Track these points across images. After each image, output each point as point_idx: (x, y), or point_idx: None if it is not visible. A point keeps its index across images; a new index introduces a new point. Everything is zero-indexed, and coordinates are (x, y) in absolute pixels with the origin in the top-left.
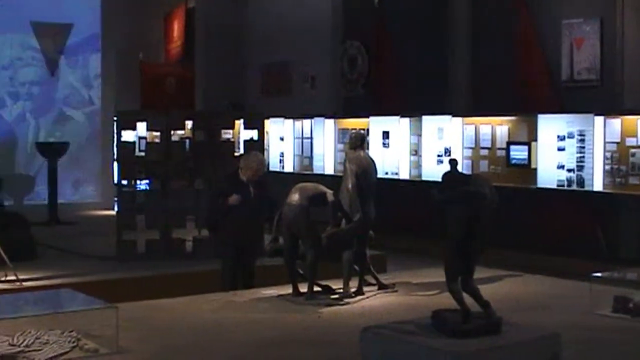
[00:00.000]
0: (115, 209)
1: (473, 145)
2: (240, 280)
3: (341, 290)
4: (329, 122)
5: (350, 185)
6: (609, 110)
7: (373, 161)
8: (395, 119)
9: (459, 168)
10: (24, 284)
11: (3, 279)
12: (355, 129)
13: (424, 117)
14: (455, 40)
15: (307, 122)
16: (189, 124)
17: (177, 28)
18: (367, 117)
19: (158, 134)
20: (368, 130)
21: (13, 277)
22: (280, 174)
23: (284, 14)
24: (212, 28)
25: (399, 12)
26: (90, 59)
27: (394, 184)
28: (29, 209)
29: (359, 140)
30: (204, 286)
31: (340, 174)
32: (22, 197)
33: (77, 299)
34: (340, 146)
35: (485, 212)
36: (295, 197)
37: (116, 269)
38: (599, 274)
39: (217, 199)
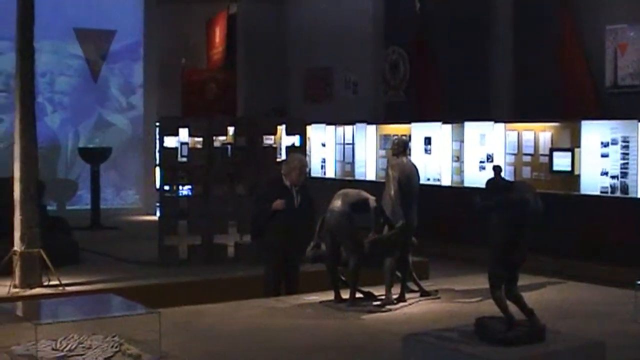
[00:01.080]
0: (157, 214)
1: (515, 152)
2: (283, 287)
3: (383, 297)
4: (371, 128)
5: (392, 192)
6: None
7: (416, 167)
8: (437, 125)
9: (502, 175)
10: (67, 288)
11: (46, 283)
12: (397, 135)
13: (466, 123)
14: (498, 45)
15: (348, 128)
16: (230, 129)
17: (219, 34)
18: (409, 123)
19: (200, 139)
20: (410, 136)
21: (56, 282)
22: (321, 180)
23: (326, 20)
24: (253, 34)
25: (441, 17)
26: (133, 65)
27: (436, 190)
28: (72, 214)
29: (401, 147)
30: (246, 292)
31: (382, 180)
32: (64, 201)
33: (120, 304)
34: (382, 152)
35: (529, 220)
36: (337, 203)
37: (158, 274)
38: None
39: (261, 204)
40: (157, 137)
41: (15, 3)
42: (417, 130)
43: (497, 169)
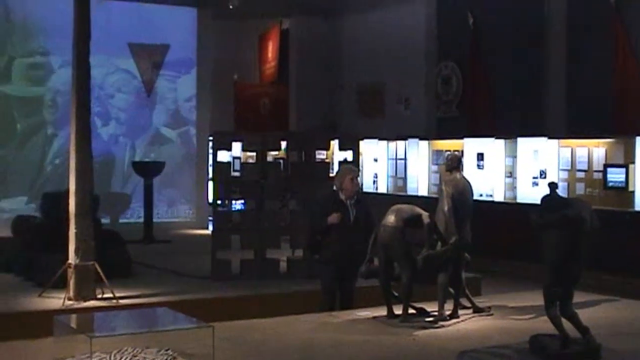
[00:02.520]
0: (210, 228)
1: (569, 168)
2: (338, 302)
3: (436, 313)
4: (423, 144)
5: (446, 208)
6: None
7: (469, 183)
8: (490, 140)
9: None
10: (120, 301)
11: (100, 296)
12: (449, 150)
13: (519, 139)
14: (551, 60)
15: (401, 143)
16: (283, 144)
17: (271, 49)
18: (462, 138)
19: (252, 154)
20: (462, 151)
21: (109, 295)
22: (373, 195)
23: (378, 35)
24: (306, 49)
25: (493, 32)
26: (186, 80)
27: (488, 206)
28: (125, 227)
29: (455, 162)
30: (298, 307)
31: (434, 196)
32: (118, 215)
33: (173, 318)
34: (434, 167)
35: (584, 237)
36: (391, 218)
37: (211, 289)
38: None
39: (316, 219)
40: (210, 151)
41: (63, 18)
42: (470, 146)
43: (553, 186)
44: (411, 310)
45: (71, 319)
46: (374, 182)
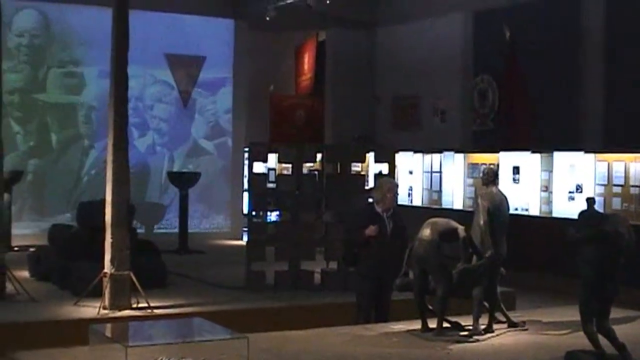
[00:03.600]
0: (245, 239)
1: (605, 183)
2: (373, 314)
3: (471, 327)
4: (459, 157)
5: (482, 222)
6: None
7: (505, 197)
8: (526, 154)
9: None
10: (155, 311)
11: (135, 305)
12: (485, 163)
13: (556, 153)
14: (588, 74)
15: (436, 156)
16: (318, 156)
17: (307, 61)
18: (497, 151)
19: (287, 165)
20: (498, 165)
21: (144, 304)
22: (408, 208)
23: (414, 48)
24: (342, 61)
25: (530, 45)
26: (222, 91)
27: (523, 220)
28: (160, 237)
29: (491, 176)
30: (332, 319)
31: (469, 209)
32: (153, 225)
33: (208, 328)
34: (470, 181)
35: (621, 253)
36: (426, 232)
37: (245, 299)
38: None
39: (353, 232)
40: (246, 162)
41: (101, 29)
42: (506, 159)
43: (590, 201)
44: (446, 324)
45: (106, 328)
46: (409, 194)
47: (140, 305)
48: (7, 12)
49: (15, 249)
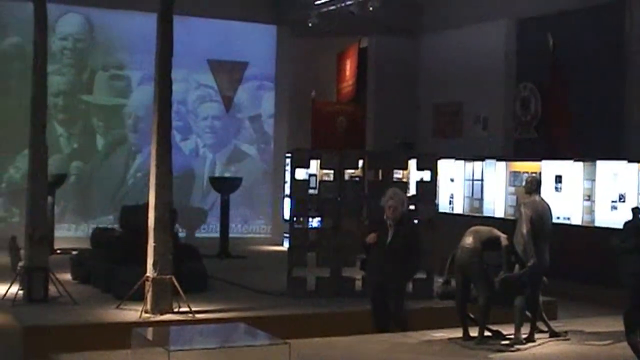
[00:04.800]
0: (285, 245)
1: None
2: (382, 322)
3: (512, 336)
4: (500, 165)
5: (525, 230)
6: None
7: (548, 206)
8: (568, 163)
9: None
10: (196, 315)
11: (176, 309)
12: (527, 172)
13: (598, 162)
14: (632, 82)
15: (478, 164)
16: (360, 162)
17: (349, 67)
18: (540, 160)
19: (328, 172)
20: (540, 173)
21: (186, 309)
22: (449, 216)
23: (457, 55)
24: (384, 67)
25: (573, 53)
26: (264, 96)
27: (565, 230)
28: (201, 242)
29: (534, 185)
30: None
31: (511, 217)
32: (194, 229)
33: (250, 334)
34: (511, 189)
35: None
36: (469, 240)
37: (286, 305)
38: None
39: (362, 238)
40: (288, 168)
41: (145, 34)
42: (548, 168)
43: (636, 211)
44: (487, 333)
45: (148, 332)
46: (450, 202)
47: (182, 309)
48: (51, 16)
49: (58, 251)
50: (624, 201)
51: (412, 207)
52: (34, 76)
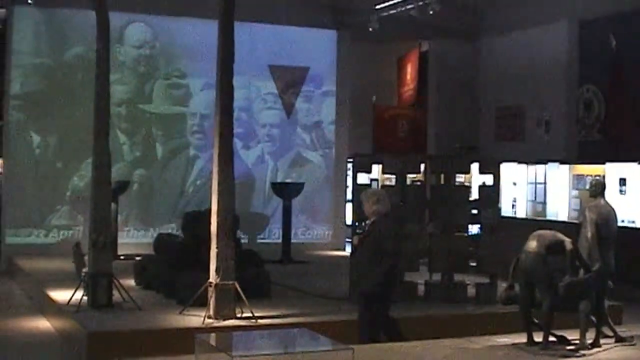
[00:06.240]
0: (348, 250)
1: None
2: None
3: (577, 342)
4: (564, 168)
5: (589, 234)
6: None
7: (613, 209)
8: (632, 165)
9: None
10: (259, 321)
11: (239, 315)
12: (590, 175)
13: None
14: None
15: (540, 167)
16: (422, 167)
17: (410, 71)
18: (603, 163)
19: (390, 176)
20: (604, 176)
21: (249, 314)
22: (512, 220)
23: (518, 58)
24: (445, 71)
25: (636, 55)
26: (325, 101)
27: (630, 233)
28: (263, 247)
29: (599, 188)
30: (436, 330)
31: (574, 221)
32: (256, 235)
33: (313, 339)
34: (575, 192)
35: None
36: (532, 244)
37: (349, 311)
38: None
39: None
40: (350, 173)
41: (206, 41)
42: (612, 171)
43: None
44: (552, 338)
45: (211, 338)
46: (513, 206)
47: (245, 315)
48: (116, 26)
49: (122, 257)
50: None
51: (474, 211)
52: (97, 84)
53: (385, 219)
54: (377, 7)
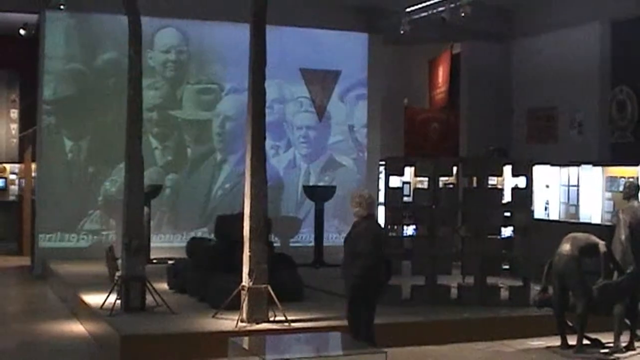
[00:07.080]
0: None
1: None
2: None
3: (611, 345)
4: (597, 170)
5: (623, 237)
6: None
7: None
8: None
9: None
10: (292, 324)
11: (272, 318)
12: (623, 177)
13: None
14: None
15: (573, 169)
16: (454, 169)
17: (442, 74)
18: (637, 164)
19: (422, 179)
20: (638, 178)
21: (282, 318)
22: (545, 222)
23: (550, 59)
24: (477, 73)
25: None
26: (357, 104)
27: None
28: (295, 251)
29: (633, 190)
30: (469, 334)
31: (607, 223)
32: (289, 238)
33: (346, 343)
34: (608, 194)
35: None
36: (566, 247)
37: (381, 314)
38: None
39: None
40: (382, 176)
41: (238, 45)
42: None
43: None
44: (586, 341)
45: (244, 341)
46: (546, 208)
47: (278, 318)
48: (148, 31)
49: (154, 261)
50: None
51: (507, 213)
52: (129, 89)
53: (367, 220)
54: (408, 9)
